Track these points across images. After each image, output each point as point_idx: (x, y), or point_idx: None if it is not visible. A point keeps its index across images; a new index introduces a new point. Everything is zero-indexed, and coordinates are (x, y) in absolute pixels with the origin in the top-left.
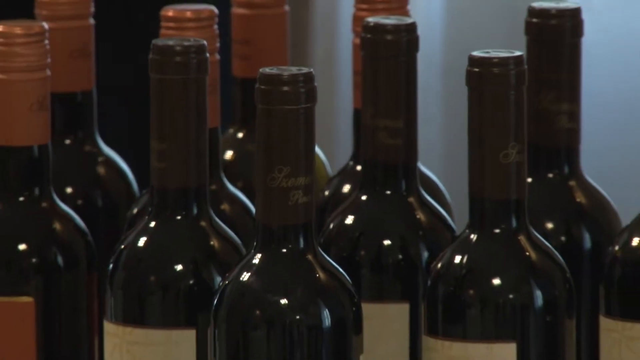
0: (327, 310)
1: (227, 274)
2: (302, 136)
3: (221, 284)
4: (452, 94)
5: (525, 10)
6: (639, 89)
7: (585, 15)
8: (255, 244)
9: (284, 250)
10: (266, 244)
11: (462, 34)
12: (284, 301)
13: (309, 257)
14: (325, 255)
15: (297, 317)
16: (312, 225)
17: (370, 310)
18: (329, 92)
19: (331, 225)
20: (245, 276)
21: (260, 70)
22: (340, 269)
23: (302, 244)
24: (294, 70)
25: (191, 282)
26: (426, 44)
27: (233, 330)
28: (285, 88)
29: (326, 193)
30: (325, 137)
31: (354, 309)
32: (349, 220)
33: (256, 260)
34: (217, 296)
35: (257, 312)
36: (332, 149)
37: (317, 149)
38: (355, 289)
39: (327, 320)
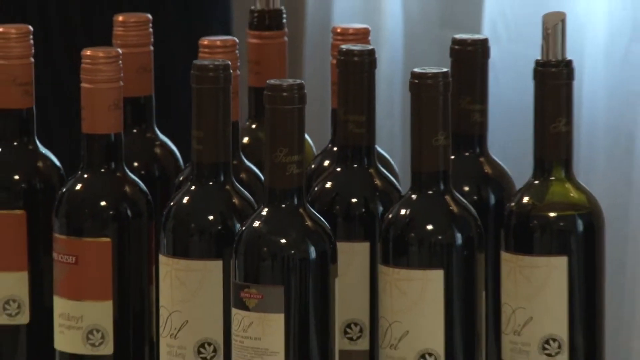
0: (312, 246)
1: (244, 222)
2: (295, 127)
3: (240, 229)
4: (407, 98)
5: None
6: (529, 92)
7: (491, 43)
8: (263, 201)
9: (283, 206)
10: (271, 201)
11: (413, 56)
12: (283, 240)
13: (301, 210)
14: (312, 209)
15: (292, 251)
16: (303, 188)
17: (342, 247)
18: (317, 97)
19: (316, 189)
20: (257, 224)
21: (267, 81)
22: (322, 219)
23: (296, 202)
24: (290, 81)
25: (219, 227)
26: (391, 63)
27: (248, 261)
28: (285, 94)
29: (312, 166)
30: (313, 127)
31: (331, 246)
32: (328, 185)
33: (264, 213)
34: (237, 237)
35: (265, 248)
36: (318, 135)
37: (307, 136)
38: (332, 232)
39: (312, 254)
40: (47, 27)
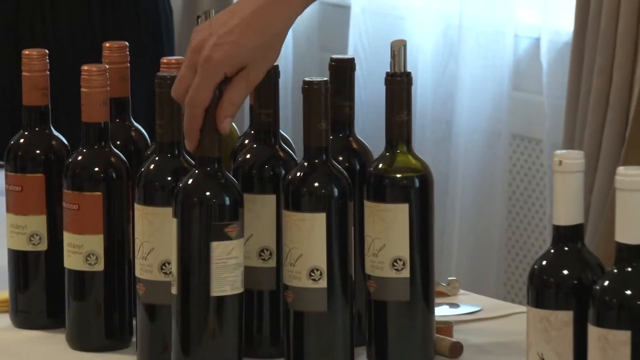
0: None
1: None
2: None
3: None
4: (297, 98)
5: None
6: (382, 94)
7: (356, 61)
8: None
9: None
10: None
11: (300, 69)
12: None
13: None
14: (230, 175)
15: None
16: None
17: (257, 198)
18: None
19: (239, 159)
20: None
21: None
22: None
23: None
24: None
25: (173, 184)
26: (284, 74)
27: (184, 209)
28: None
29: (237, 144)
30: (238, 117)
31: (239, 197)
32: (248, 156)
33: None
34: (178, 191)
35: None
36: (240, 123)
37: (233, 124)
38: (241, 188)
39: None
40: (57, 49)
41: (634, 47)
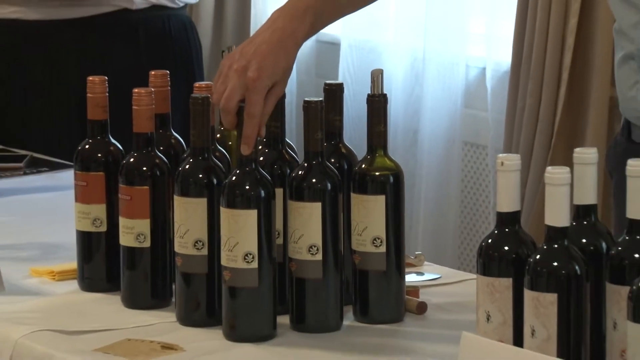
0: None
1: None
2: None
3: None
4: (299, 115)
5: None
6: (364, 111)
7: (345, 86)
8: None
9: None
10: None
11: (302, 91)
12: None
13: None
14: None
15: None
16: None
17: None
18: None
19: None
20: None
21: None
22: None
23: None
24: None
25: (205, 180)
26: (289, 96)
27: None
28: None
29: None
30: None
31: (272, 189)
32: (261, 158)
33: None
34: (224, 187)
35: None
36: None
37: None
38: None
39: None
40: (113, 76)
41: (558, 75)
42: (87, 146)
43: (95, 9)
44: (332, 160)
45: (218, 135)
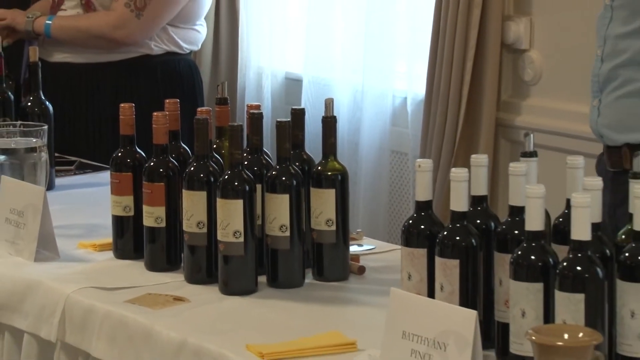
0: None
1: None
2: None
3: (220, 179)
4: (273, 132)
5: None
6: (320, 127)
7: (307, 110)
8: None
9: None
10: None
11: (275, 114)
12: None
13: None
14: (249, 173)
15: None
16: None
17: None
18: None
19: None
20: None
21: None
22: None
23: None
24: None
25: (205, 179)
26: (266, 119)
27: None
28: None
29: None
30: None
31: (254, 185)
32: (245, 162)
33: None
34: (219, 183)
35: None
36: (243, 144)
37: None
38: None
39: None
40: (137, 104)
41: (458, 102)
42: (119, 154)
43: (125, 54)
44: (297, 163)
45: (214, 146)
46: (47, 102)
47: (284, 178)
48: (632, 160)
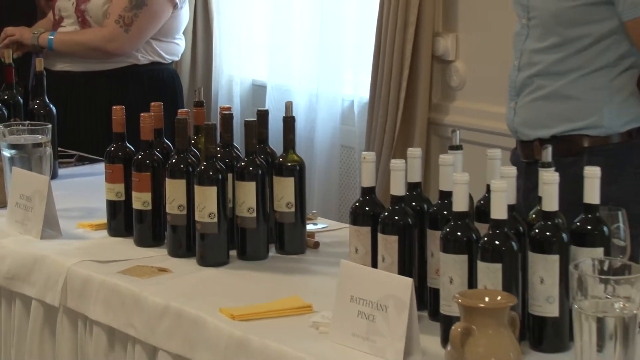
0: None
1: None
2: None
3: (197, 169)
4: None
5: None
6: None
7: (270, 111)
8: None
9: (252, 157)
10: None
11: (244, 115)
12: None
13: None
14: (222, 165)
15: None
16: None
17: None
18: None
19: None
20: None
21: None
22: (224, 166)
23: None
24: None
25: (186, 170)
26: (237, 118)
27: (200, 179)
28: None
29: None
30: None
31: (226, 175)
32: (218, 155)
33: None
34: (197, 173)
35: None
36: (217, 139)
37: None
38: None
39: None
40: (128, 107)
41: (396, 104)
42: (112, 148)
43: (116, 64)
44: (262, 156)
45: (192, 142)
46: (51, 105)
47: (251, 168)
48: (542, 152)
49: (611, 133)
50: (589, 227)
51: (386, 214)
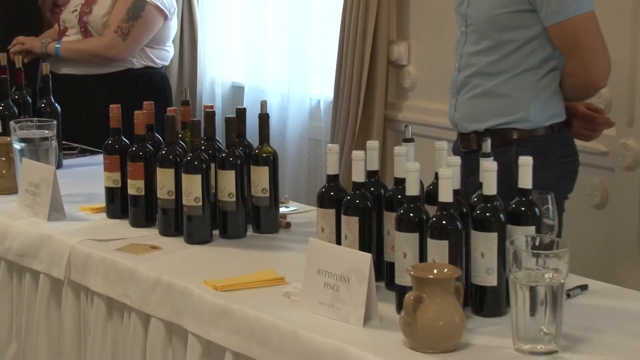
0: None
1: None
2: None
3: (184, 159)
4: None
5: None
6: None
7: (248, 109)
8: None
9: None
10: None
11: (229, 113)
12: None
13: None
14: (206, 156)
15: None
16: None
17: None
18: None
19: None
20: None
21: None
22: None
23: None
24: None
25: (174, 160)
26: (218, 115)
27: (187, 168)
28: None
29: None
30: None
31: (208, 164)
32: (203, 147)
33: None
34: (183, 163)
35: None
36: (202, 133)
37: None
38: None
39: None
40: (123, 105)
41: (357, 103)
42: (110, 142)
43: (114, 68)
44: (240, 148)
45: (180, 136)
46: (56, 104)
47: (231, 159)
48: (481, 144)
49: (537, 127)
50: (523, 209)
51: (348, 198)
